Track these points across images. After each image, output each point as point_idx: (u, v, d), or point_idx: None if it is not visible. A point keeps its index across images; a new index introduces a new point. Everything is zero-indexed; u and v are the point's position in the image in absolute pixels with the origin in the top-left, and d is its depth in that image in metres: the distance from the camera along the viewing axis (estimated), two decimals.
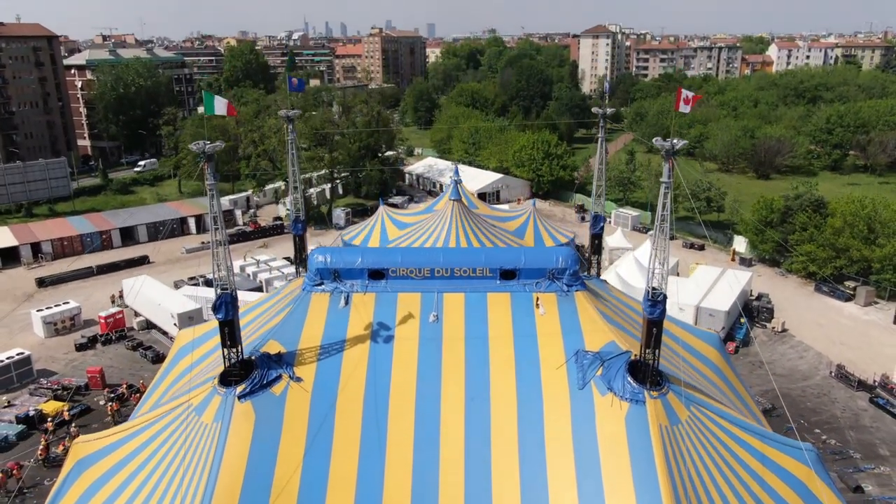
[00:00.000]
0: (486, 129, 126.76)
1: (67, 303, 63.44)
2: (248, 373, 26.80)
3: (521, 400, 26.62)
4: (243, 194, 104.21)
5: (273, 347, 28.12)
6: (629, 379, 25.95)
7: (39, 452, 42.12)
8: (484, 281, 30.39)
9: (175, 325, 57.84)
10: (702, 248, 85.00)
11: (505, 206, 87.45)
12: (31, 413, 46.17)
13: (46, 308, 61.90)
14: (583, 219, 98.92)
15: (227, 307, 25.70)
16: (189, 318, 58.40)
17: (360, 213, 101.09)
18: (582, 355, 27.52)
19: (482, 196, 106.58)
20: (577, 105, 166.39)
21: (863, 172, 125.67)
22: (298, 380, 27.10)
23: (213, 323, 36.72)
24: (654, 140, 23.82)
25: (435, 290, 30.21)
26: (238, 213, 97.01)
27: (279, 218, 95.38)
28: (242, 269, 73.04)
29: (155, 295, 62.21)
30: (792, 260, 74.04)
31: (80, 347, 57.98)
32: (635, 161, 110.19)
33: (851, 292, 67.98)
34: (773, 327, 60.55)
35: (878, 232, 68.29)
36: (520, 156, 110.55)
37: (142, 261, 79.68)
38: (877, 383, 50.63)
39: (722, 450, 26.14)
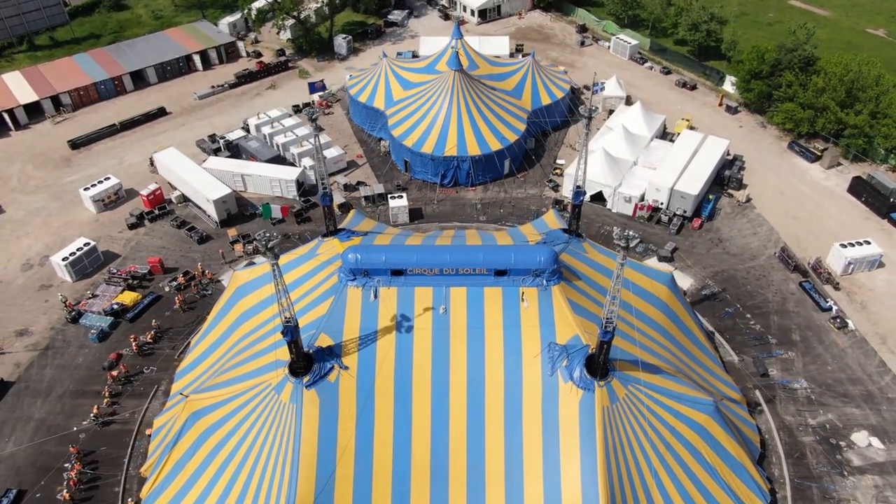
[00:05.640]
0: None
1: (108, 178, 70.51)
2: (309, 364, 36.76)
3: (507, 382, 37.06)
4: (240, 15, 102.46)
5: (324, 341, 37.73)
6: (585, 372, 36.04)
7: (134, 347, 53.83)
8: (482, 278, 38.77)
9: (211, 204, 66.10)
10: (694, 87, 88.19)
11: (505, 50, 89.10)
12: (115, 307, 57.01)
13: (91, 186, 69.21)
14: (582, 43, 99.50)
15: (292, 333, 34.64)
16: (223, 203, 66.38)
17: (361, 35, 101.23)
18: (553, 347, 37.20)
19: (483, 13, 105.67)
20: None
21: None
22: (346, 368, 37.19)
23: (265, 266, 45.44)
24: (614, 237, 30.45)
25: (444, 285, 38.75)
26: (241, 44, 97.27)
27: (282, 51, 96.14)
28: (258, 128, 78.21)
29: (185, 173, 68.93)
30: (773, 112, 78.81)
31: (132, 226, 66.84)
32: None
33: (819, 154, 74.36)
34: (738, 200, 68.51)
35: (857, 96, 72.25)
36: None
37: (159, 114, 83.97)
38: (810, 265, 60.64)
39: (647, 412, 37.25)
